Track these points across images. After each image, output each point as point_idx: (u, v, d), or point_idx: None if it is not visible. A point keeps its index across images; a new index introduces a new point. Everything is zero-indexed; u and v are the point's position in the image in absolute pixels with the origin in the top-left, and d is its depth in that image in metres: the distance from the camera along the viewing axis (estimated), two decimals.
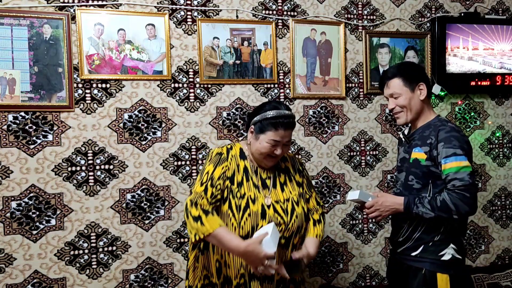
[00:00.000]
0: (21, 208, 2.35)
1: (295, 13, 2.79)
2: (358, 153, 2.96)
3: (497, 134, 3.24)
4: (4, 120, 2.32)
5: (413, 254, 1.85)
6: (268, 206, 1.78)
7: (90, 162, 2.46)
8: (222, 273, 1.81)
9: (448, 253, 1.79)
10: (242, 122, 2.71)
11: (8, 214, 2.32)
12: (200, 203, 1.69)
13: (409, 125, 2.01)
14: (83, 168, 2.45)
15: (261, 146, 1.77)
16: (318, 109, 2.86)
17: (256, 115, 1.82)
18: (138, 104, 2.53)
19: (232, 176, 1.80)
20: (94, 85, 2.46)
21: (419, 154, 1.83)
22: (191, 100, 2.62)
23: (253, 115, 1.85)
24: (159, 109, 2.57)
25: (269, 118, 1.76)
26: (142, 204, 2.55)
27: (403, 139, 2.00)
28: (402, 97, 1.86)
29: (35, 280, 2.38)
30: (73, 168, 2.43)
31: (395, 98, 1.88)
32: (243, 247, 1.61)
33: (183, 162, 2.62)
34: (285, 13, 2.77)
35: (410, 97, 1.85)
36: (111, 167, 2.50)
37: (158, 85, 2.56)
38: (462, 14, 3.07)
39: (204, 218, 1.65)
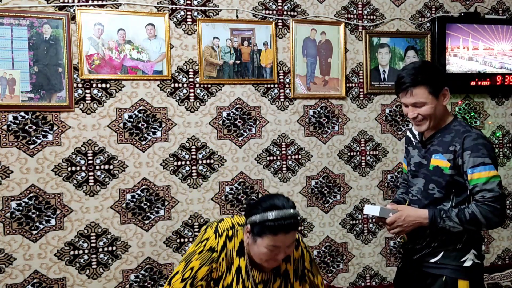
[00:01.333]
0: (21, 208, 2.35)
1: (295, 13, 2.79)
2: (358, 153, 2.96)
3: (497, 134, 3.24)
4: (4, 120, 2.32)
5: (433, 260, 1.75)
6: None
7: (90, 162, 2.46)
8: None
9: (469, 259, 1.72)
10: (242, 122, 2.71)
11: (8, 214, 2.32)
12: None
13: None
14: (83, 168, 2.45)
15: (258, 251, 1.52)
16: (318, 109, 2.86)
17: (253, 211, 1.54)
18: (138, 104, 2.53)
19: (219, 278, 1.60)
20: (94, 85, 2.46)
21: (441, 161, 1.71)
22: (191, 100, 2.62)
23: (251, 210, 1.56)
24: (159, 109, 2.57)
25: (267, 221, 1.48)
26: (142, 204, 2.55)
27: (414, 141, 1.87)
28: (427, 106, 1.67)
29: (35, 280, 2.38)
30: (73, 168, 2.43)
31: (419, 107, 1.68)
32: None
33: (183, 162, 2.62)
34: (285, 13, 2.77)
35: (435, 105, 1.67)
36: (111, 167, 2.50)
37: (158, 85, 2.56)
38: (462, 14, 3.07)
39: None
